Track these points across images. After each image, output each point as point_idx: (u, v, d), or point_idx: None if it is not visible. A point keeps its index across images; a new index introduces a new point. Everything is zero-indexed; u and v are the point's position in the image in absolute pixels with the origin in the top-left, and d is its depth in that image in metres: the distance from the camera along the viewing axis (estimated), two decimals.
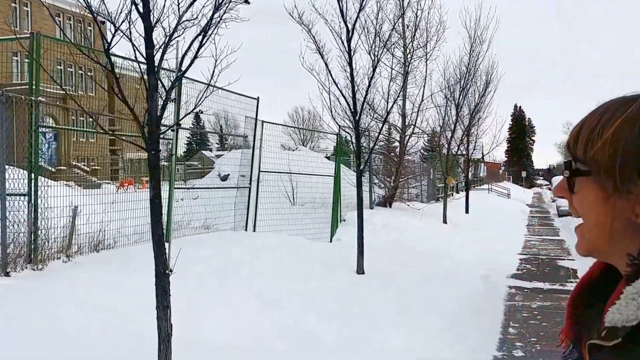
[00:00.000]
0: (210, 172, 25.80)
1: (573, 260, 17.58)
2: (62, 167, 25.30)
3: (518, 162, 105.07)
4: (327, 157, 28.19)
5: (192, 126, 46.77)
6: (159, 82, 5.87)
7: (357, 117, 12.69)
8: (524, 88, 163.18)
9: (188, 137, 65.14)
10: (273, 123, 15.89)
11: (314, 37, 12.40)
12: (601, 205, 1.06)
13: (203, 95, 6.57)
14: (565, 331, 1.23)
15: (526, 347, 8.67)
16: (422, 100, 24.02)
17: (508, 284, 13.61)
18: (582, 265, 16.01)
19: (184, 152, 59.77)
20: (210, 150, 73.88)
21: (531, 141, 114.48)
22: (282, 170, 16.53)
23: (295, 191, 19.03)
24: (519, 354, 8.35)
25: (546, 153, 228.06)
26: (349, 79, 12.48)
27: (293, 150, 26.70)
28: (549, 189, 67.95)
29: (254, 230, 14.30)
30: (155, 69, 5.70)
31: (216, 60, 6.24)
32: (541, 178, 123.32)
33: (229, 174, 18.19)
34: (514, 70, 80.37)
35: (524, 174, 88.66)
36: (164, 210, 7.08)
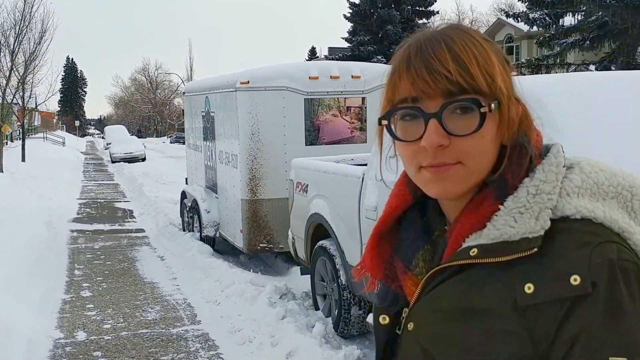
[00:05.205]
0: None
1: (129, 202, 17.66)
2: None
3: (71, 112, 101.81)
4: None
5: None
6: None
7: None
8: (78, 41, 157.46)
9: None
10: None
11: None
12: (494, 136, 0.93)
13: None
14: (372, 270, 1.08)
15: (93, 287, 8.34)
16: None
17: (70, 228, 12.94)
18: (137, 206, 16.20)
19: None
20: None
21: (83, 92, 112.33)
22: None
23: None
24: (86, 294, 7.99)
25: (97, 103, 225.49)
26: None
27: None
28: (102, 138, 66.95)
29: None
30: None
31: None
32: (93, 127, 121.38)
33: None
34: (69, 21, 76.54)
35: (77, 123, 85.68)
36: None
